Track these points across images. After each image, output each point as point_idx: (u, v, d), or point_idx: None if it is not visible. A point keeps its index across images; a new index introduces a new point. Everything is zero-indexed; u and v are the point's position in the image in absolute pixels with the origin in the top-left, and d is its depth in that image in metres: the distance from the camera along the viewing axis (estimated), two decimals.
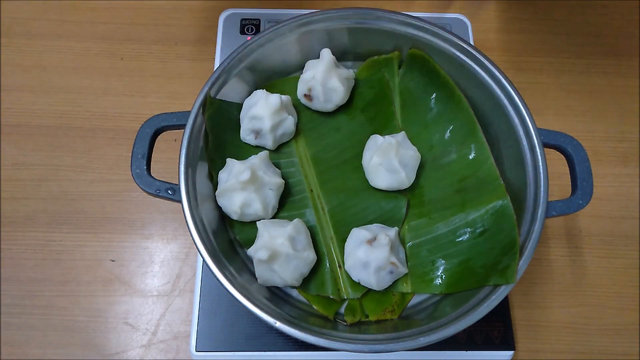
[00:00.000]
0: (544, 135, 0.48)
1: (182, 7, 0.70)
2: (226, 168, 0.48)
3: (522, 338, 0.54)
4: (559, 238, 0.59)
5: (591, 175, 0.47)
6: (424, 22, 0.52)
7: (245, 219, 0.48)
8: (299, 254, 0.45)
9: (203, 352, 0.49)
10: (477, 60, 0.51)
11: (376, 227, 0.48)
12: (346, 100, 0.53)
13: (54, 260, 0.56)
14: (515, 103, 0.49)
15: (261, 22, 0.64)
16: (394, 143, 0.48)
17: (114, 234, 0.57)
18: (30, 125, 0.62)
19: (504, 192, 0.48)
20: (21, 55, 0.66)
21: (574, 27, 0.70)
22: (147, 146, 0.47)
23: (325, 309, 0.47)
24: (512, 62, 0.68)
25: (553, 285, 0.57)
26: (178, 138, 0.48)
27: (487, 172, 0.50)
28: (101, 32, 0.67)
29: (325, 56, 0.51)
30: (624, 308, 0.56)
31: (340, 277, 0.48)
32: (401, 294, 0.48)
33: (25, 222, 0.57)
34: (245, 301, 0.41)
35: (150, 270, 0.56)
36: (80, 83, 0.65)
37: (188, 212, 0.44)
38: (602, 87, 0.67)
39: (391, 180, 0.49)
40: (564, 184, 0.50)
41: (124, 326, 0.54)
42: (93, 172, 0.60)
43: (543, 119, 0.63)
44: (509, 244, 0.45)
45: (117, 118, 0.63)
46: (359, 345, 0.40)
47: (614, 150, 0.63)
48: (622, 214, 0.60)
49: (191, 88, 0.64)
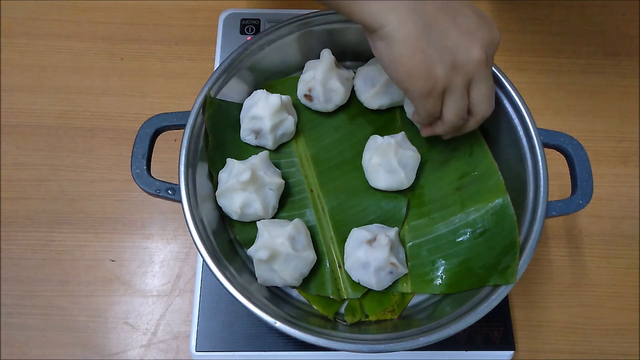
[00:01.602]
0: (544, 135, 0.48)
1: (182, 7, 0.70)
2: (226, 168, 0.48)
3: (522, 338, 0.54)
4: (559, 238, 0.59)
5: (591, 175, 0.47)
6: None
7: (246, 219, 0.48)
8: (299, 253, 0.45)
9: (203, 352, 0.49)
10: None
11: (376, 228, 0.48)
12: (346, 100, 0.54)
13: (54, 260, 0.56)
14: (515, 103, 0.49)
15: (261, 22, 0.64)
16: (393, 143, 0.48)
17: (114, 234, 0.57)
18: (30, 125, 0.62)
19: (503, 189, 0.48)
20: (21, 55, 0.66)
21: (574, 27, 0.70)
22: (147, 146, 0.47)
23: (325, 309, 0.47)
24: (512, 62, 0.68)
25: (553, 285, 0.57)
26: (178, 138, 0.48)
27: (486, 168, 0.50)
28: (101, 32, 0.68)
29: (326, 57, 0.51)
30: (624, 308, 0.56)
31: (340, 277, 0.48)
32: (401, 294, 0.48)
33: (25, 222, 0.57)
34: (245, 301, 0.41)
35: (150, 270, 0.56)
36: (80, 83, 0.65)
37: (188, 212, 0.44)
38: (602, 87, 0.67)
39: (391, 180, 0.49)
40: (564, 184, 0.50)
41: (124, 326, 0.54)
42: (93, 172, 0.60)
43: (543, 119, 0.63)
44: (509, 244, 0.45)
45: (117, 118, 0.63)
46: (359, 345, 0.40)
47: (614, 150, 0.63)
48: (622, 214, 0.60)
49: (191, 88, 0.64)
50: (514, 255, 0.44)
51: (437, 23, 0.38)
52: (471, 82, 0.41)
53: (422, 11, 0.38)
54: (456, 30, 0.39)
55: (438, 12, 0.38)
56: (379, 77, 0.52)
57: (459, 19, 0.39)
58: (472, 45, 0.39)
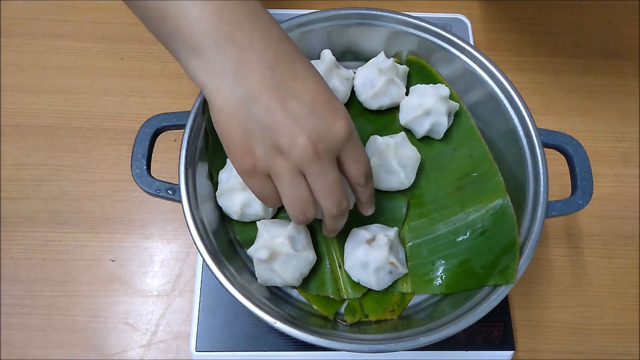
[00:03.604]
0: (544, 135, 0.48)
1: None
2: (226, 168, 0.48)
3: (522, 338, 0.54)
4: (559, 238, 0.59)
5: (591, 175, 0.47)
6: (424, 22, 0.52)
7: (246, 219, 0.48)
8: (299, 253, 0.45)
9: (203, 352, 0.49)
10: (477, 60, 0.51)
11: (375, 227, 0.48)
12: (346, 100, 0.54)
13: (54, 260, 0.56)
14: (515, 103, 0.49)
15: None
16: (392, 144, 0.48)
17: (114, 234, 0.57)
18: (30, 125, 0.62)
19: (503, 189, 0.48)
20: (21, 55, 0.66)
21: (574, 27, 0.70)
22: (147, 146, 0.47)
23: (325, 309, 0.47)
24: (512, 62, 0.68)
25: (553, 285, 0.57)
26: (178, 138, 0.48)
27: (486, 169, 0.50)
28: (101, 32, 0.67)
29: (326, 57, 0.51)
30: (624, 308, 0.56)
31: (340, 277, 0.48)
32: (401, 294, 0.48)
33: (25, 222, 0.57)
34: (245, 301, 0.41)
35: (150, 270, 0.56)
36: (80, 83, 0.65)
37: (188, 212, 0.44)
38: (602, 87, 0.67)
39: (390, 181, 0.49)
40: (564, 184, 0.50)
41: (124, 326, 0.54)
42: (93, 172, 0.60)
43: (543, 119, 0.63)
44: (509, 244, 0.45)
45: (117, 118, 0.63)
46: (359, 345, 0.40)
47: (614, 150, 0.63)
48: (622, 214, 0.60)
49: (191, 88, 0.64)
50: (514, 255, 0.44)
51: (260, 99, 0.34)
52: (304, 173, 0.37)
53: (245, 83, 0.34)
54: (282, 113, 0.34)
55: (263, 89, 0.34)
56: (379, 78, 0.52)
57: (288, 102, 0.35)
58: (297, 133, 0.34)
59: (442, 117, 0.51)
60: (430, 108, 0.50)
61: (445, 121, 0.51)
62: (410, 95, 0.52)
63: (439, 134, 0.52)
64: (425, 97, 0.51)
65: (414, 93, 0.52)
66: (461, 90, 0.54)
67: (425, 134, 0.52)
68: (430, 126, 0.51)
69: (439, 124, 0.51)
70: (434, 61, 0.54)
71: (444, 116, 0.51)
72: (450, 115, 0.52)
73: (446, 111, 0.51)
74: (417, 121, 0.52)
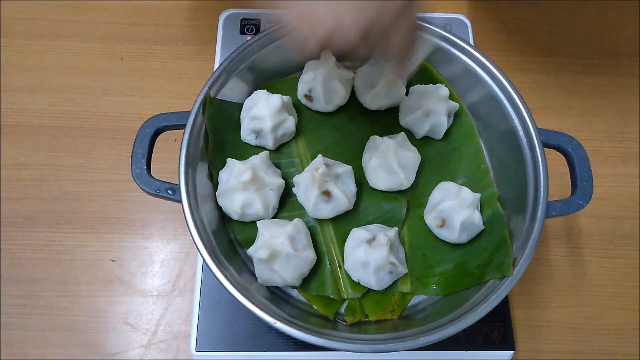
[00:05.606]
0: (544, 135, 0.48)
1: (182, 7, 0.70)
2: (227, 168, 0.48)
3: (522, 338, 0.54)
4: (559, 238, 0.59)
5: (591, 175, 0.47)
6: (424, 22, 0.52)
7: (246, 219, 0.48)
8: (299, 253, 0.45)
9: (203, 352, 0.49)
10: (477, 60, 0.51)
11: (375, 227, 0.48)
12: (346, 100, 0.53)
13: (54, 260, 0.56)
14: (515, 103, 0.49)
15: (261, 22, 0.64)
16: (392, 145, 0.48)
17: (114, 234, 0.57)
18: (30, 125, 0.62)
19: (495, 200, 0.49)
20: (21, 55, 0.66)
21: (574, 27, 0.70)
22: (147, 146, 0.47)
23: (325, 309, 0.47)
24: (512, 62, 0.68)
25: (553, 285, 0.57)
26: (178, 138, 0.48)
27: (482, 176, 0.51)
28: (101, 32, 0.67)
29: (327, 57, 0.51)
30: (624, 308, 0.56)
31: (340, 277, 0.48)
32: (401, 294, 0.48)
33: (25, 222, 0.57)
34: (245, 301, 0.41)
35: (150, 270, 0.56)
36: (80, 83, 0.65)
37: (188, 212, 0.44)
38: (602, 87, 0.67)
39: (390, 181, 0.49)
40: (564, 184, 0.50)
41: (124, 326, 0.54)
42: (93, 172, 0.60)
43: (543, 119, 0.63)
44: (500, 241, 0.46)
45: (117, 118, 0.63)
46: (359, 345, 0.40)
47: (614, 150, 0.63)
48: (622, 214, 0.60)
49: (191, 88, 0.64)
50: (507, 250, 0.45)
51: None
52: None
53: None
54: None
55: None
56: (379, 78, 0.52)
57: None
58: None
59: (442, 117, 0.51)
60: (430, 108, 0.50)
61: (445, 121, 0.51)
62: (410, 96, 0.52)
63: (439, 134, 0.52)
64: (425, 97, 0.51)
65: (414, 93, 0.52)
66: (461, 90, 0.54)
67: (425, 134, 0.52)
68: (430, 126, 0.51)
69: (439, 124, 0.51)
70: (434, 61, 0.54)
71: (444, 116, 0.51)
72: (450, 116, 0.52)
73: (446, 111, 0.51)
74: (417, 121, 0.52)
